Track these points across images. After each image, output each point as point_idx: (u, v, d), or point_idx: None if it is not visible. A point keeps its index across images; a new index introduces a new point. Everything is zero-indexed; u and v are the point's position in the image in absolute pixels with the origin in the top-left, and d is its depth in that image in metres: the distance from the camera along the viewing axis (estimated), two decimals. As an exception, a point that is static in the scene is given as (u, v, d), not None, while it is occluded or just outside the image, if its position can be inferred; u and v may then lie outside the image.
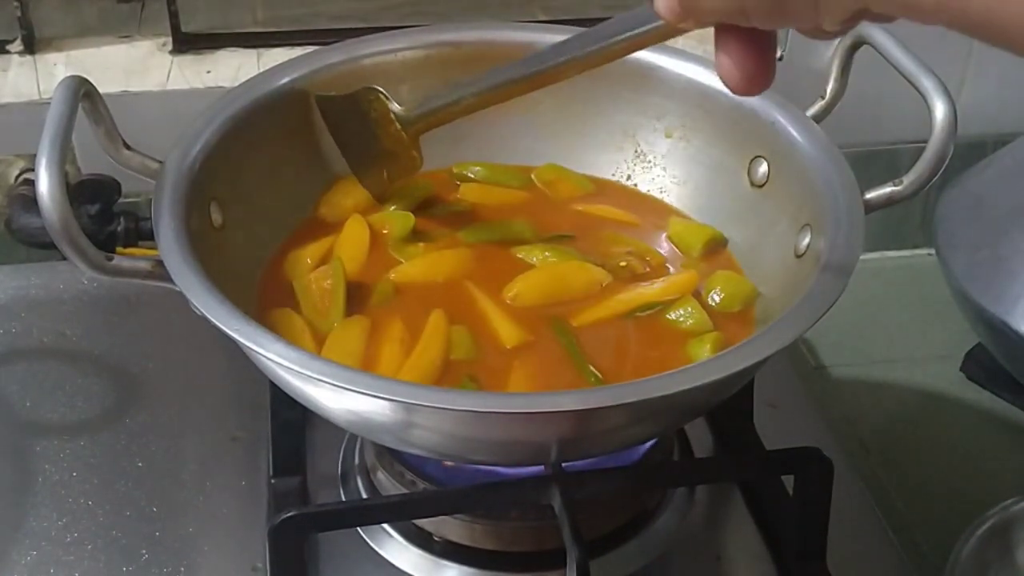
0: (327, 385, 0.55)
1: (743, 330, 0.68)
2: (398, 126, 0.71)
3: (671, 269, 0.73)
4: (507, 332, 0.66)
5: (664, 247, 0.74)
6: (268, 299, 0.69)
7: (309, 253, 0.72)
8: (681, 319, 0.68)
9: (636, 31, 0.56)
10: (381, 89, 0.72)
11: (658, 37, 0.55)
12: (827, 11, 0.41)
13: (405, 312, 0.68)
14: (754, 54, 0.47)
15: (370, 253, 0.72)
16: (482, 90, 0.67)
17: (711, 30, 0.50)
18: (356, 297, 0.68)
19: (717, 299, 0.70)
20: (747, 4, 0.43)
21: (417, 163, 0.72)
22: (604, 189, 0.78)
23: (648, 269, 0.72)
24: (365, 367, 0.64)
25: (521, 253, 0.72)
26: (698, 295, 0.69)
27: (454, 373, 0.64)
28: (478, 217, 0.75)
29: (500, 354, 0.66)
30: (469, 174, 0.78)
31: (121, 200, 0.84)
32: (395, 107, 0.71)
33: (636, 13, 0.55)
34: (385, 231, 0.73)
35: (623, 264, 0.72)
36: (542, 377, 0.64)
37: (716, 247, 0.74)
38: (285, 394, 0.62)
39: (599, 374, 0.64)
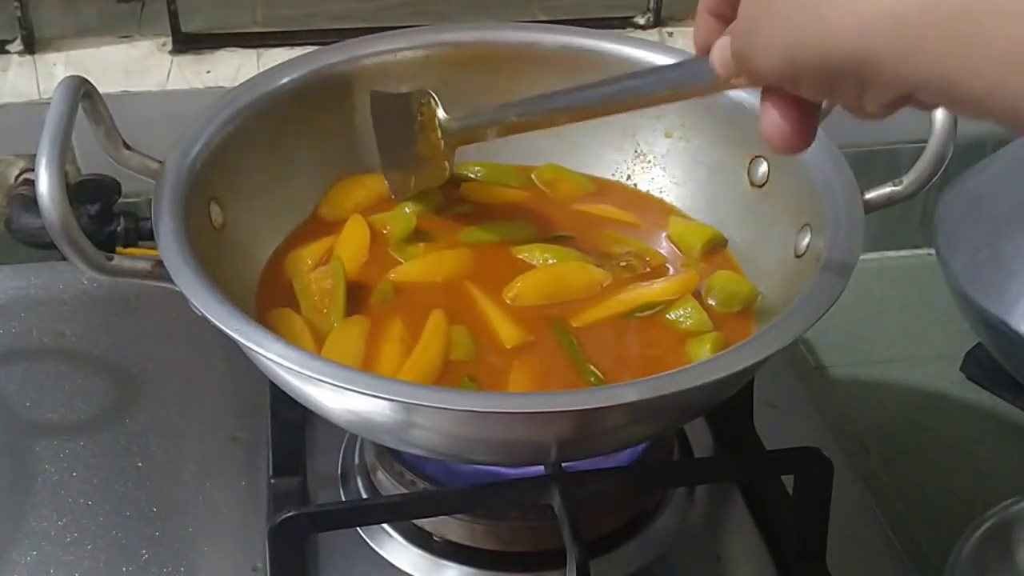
0: (327, 385, 0.55)
1: (743, 330, 0.68)
2: (439, 134, 0.71)
3: (671, 269, 0.73)
4: (507, 332, 0.66)
5: (664, 247, 0.74)
6: (268, 299, 0.69)
7: (309, 253, 0.72)
8: (681, 319, 0.68)
9: (688, 83, 0.56)
10: (434, 95, 0.71)
11: (708, 90, 0.55)
12: (872, 94, 0.43)
13: (405, 312, 0.68)
14: (801, 113, 0.48)
15: (370, 253, 0.72)
16: (526, 113, 0.66)
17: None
18: (356, 297, 0.68)
19: (717, 299, 0.70)
20: (800, 74, 0.44)
21: (445, 174, 0.72)
22: (604, 189, 0.79)
23: (648, 269, 0.72)
24: (365, 367, 0.64)
25: (522, 254, 0.72)
26: (698, 295, 0.69)
27: (454, 373, 0.64)
28: (479, 217, 0.75)
29: (500, 354, 0.66)
30: (469, 174, 0.78)
31: (121, 200, 0.84)
32: (441, 114, 0.71)
33: (690, 63, 0.55)
34: (385, 231, 0.73)
35: (623, 264, 0.72)
36: (542, 377, 0.64)
37: (716, 247, 0.74)
38: (285, 394, 0.62)
39: (599, 374, 0.64)
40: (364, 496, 0.72)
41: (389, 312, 0.68)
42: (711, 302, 0.69)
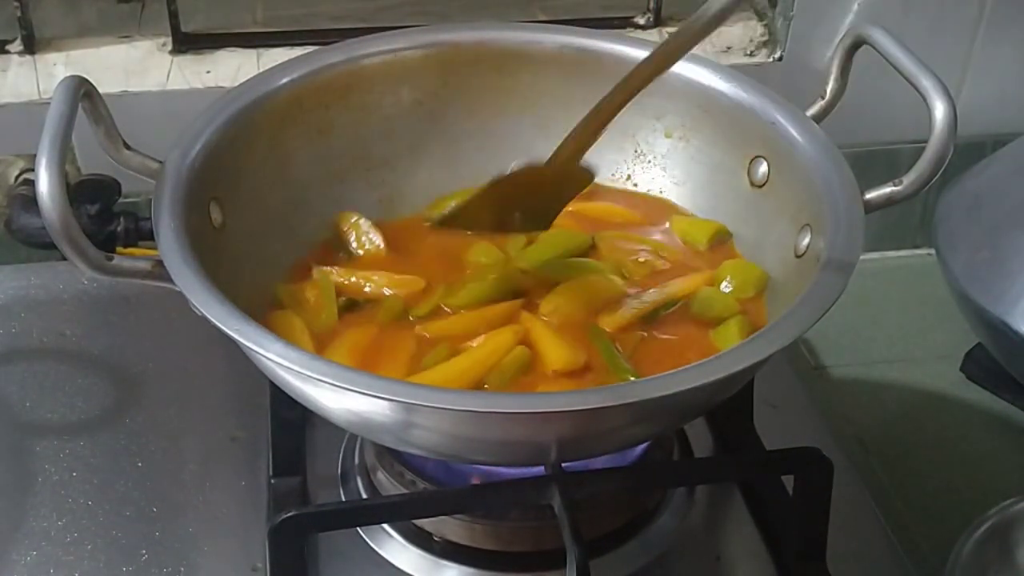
0: (327, 385, 0.55)
1: (760, 313, 0.68)
2: (550, 171, 0.67)
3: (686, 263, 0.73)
4: (556, 355, 0.65)
5: (670, 243, 0.75)
6: (268, 299, 0.69)
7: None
8: (705, 309, 0.69)
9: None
10: (518, 168, 0.68)
11: None
12: None
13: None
14: None
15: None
16: (612, 94, 0.63)
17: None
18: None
19: (730, 288, 0.70)
20: None
21: (590, 176, 0.68)
22: (599, 187, 0.78)
23: (667, 265, 0.72)
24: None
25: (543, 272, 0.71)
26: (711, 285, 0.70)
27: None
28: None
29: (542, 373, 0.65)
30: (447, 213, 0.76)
31: (121, 200, 0.84)
32: (538, 162, 0.67)
33: None
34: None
35: (642, 260, 0.72)
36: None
37: (721, 241, 0.74)
38: (285, 394, 0.62)
39: (636, 374, 0.64)
40: (364, 496, 0.72)
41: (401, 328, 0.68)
42: (726, 289, 0.70)
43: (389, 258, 0.74)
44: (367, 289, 0.70)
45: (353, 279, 0.71)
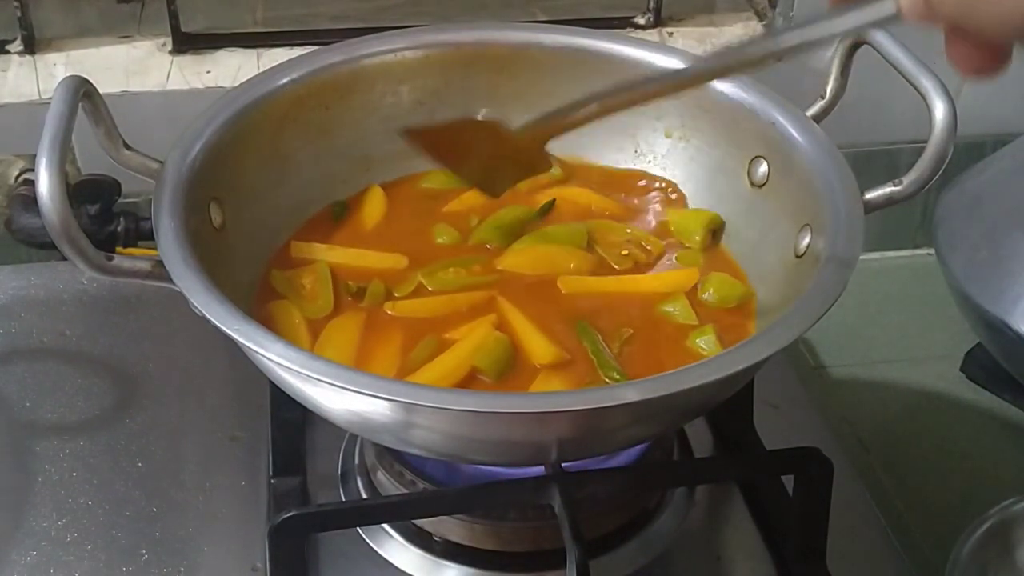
0: (327, 385, 0.55)
1: (740, 325, 0.68)
2: (517, 141, 0.64)
3: (670, 256, 0.73)
4: (541, 349, 0.66)
5: (655, 231, 0.75)
6: (267, 291, 0.69)
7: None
8: (673, 313, 0.68)
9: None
10: (488, 119, 0.66)
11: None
12: None
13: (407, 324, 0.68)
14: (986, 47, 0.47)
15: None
16: (605, 96, 0.59)
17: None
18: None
19: (712, 299, 0.70)
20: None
21: (548, 163, 0.65)
22: (575, 172, 0.78)
23: (649, 257, 0.72)
24: (359, 364, 0.64)
25: (521, 245, 0.72)
26: (692, 292, 0.70)
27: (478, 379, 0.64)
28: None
29: (529, 367, 0.65)
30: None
31: (121, 200, 0.84)
32: (509, 129, 0.63)
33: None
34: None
35: (625, 253, 0.72)
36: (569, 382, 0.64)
37: (716, 231, 0.74)
38: (285, 394, 0.62)
39: (620, 371, 0.64)
40: (364, 496, 0.72)
41: (390, 319, 0.68)
42: (706, 298, 0.70)
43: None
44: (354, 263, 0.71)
45: (340, 257, 0.72)
